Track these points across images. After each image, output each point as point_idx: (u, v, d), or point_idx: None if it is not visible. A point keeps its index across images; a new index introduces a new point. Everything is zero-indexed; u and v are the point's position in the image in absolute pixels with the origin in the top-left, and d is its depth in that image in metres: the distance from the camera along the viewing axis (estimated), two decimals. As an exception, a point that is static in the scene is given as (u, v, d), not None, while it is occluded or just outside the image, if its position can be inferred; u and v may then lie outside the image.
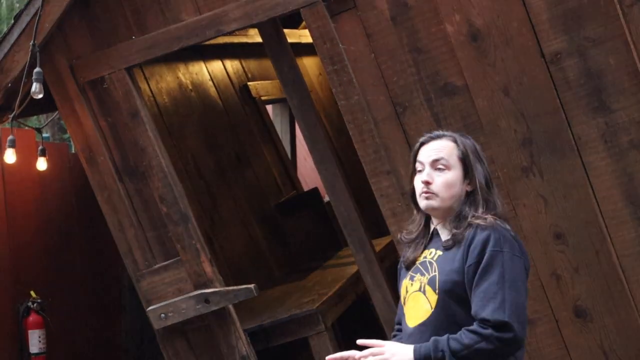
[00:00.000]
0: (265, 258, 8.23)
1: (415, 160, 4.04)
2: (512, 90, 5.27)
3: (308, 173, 11.51)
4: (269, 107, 10.37)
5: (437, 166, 3.97)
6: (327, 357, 3.93)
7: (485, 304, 3.75)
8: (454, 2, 5.30)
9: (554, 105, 5.22)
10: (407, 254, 4.10)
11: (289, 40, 6.73)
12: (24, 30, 5.92)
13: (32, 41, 5.84)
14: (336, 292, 6.75)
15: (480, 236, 3.85)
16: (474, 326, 3.74)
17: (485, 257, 3.81)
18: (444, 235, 3.99)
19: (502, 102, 5.29)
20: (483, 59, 5.30)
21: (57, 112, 7.14)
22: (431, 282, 3.90)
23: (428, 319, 3.88)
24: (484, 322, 3.73)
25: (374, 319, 6.55)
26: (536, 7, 5.18)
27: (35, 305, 7.32)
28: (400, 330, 4.14)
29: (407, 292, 4.01)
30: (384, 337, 4.52)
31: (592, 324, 5.30)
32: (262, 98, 9.48)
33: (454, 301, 3.86)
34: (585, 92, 5.17)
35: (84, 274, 8.27)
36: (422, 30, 5.36)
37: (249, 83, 9.33)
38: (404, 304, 4.03)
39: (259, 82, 9.55)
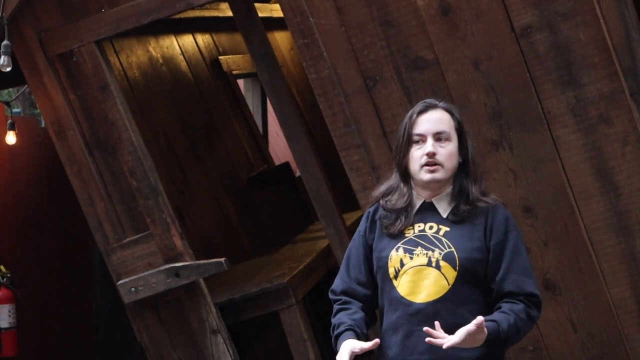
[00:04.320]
0: (236, 232, 8.22)
1: (409, 132, 3.93)
2: (482, 64, 5.27)
3: (280, 148, 11.51)
4: (241, 82, 10.34)
5: (439, 138, 3.92)
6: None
7: (526, 280, 3.86)
8: (425, -24, 5.30)
9: (523, 79, 5.23)
10: (389, 223, 3.97)
11: (260, 14, 6.72)
12: (-9, 3, 5.88)
13: None
14: (307, 266, 6.75)
15: (500, 215, 3.93)
16: (521, 306, 3.81)
17: (511, 236, 3.91)
18: (443, 210, 3.94)
19: (472, 76, 5.29)
20: (453, 33, 5.29)
21: (26, 85, 7.10)
22: (448, 258, 3.84)
23: (445, 295, 3.83)
24: (532, 296, 3.85)
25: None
26: (506, -20, 5.19)
27: (5, 279, 7.28)
28: (347, 302, 4.00)
29: (401, 264, 3.88)
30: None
31: (560, 297, 5.33)
32: (234, 72, 9.44)
33: (471, 278, 3.87)
34: (555, 66, 5.17)
35: (55, 248, 8.24)
36: (393, 4, 5.35)
37: (220, 57, 9.29)
38: (396, 277, 3.90)
39: (230, 56, 9.51)
